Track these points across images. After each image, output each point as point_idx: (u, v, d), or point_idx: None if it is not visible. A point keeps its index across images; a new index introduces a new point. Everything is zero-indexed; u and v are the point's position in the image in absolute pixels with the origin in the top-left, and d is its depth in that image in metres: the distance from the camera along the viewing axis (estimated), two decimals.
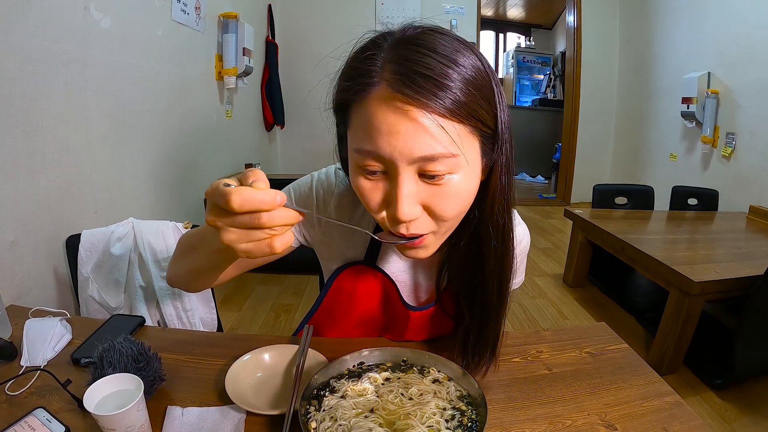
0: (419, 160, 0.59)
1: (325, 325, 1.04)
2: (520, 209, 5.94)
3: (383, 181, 0.64)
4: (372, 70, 0.60)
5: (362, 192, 0.65)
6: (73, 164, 2.00)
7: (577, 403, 0.83)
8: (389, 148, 0.59)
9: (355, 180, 0.66)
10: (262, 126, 4.87)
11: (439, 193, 0.63)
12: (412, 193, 0.62)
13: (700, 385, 2.20)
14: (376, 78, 0.59)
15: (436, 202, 0.63)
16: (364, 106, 0.60)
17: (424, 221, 0.65)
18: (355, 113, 0.62)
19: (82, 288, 1.53)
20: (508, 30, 10.17)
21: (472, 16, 5.42)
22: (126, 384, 0.71)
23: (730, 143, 3.83)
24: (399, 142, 0.58)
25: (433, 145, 0.58)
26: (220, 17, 3.55)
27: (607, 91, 5.89)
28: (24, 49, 1.72)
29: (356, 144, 0.62)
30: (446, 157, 0.59)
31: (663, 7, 4.84)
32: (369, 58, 0.61)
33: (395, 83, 0.58)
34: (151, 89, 2.65)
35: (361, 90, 0.60)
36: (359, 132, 0.62)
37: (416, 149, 0.58)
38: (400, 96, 0.57)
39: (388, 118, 0.58)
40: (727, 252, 2.51)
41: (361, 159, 0.62)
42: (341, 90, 0.65)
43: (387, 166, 0.61)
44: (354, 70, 0.63)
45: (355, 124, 0.63)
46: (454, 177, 0.62)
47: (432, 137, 0.58)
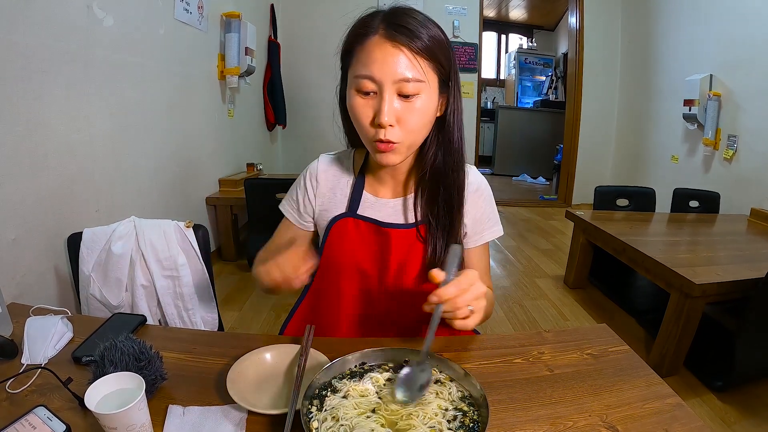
0: (399, 81, 0.87)
1: (323, 290, 1.17)
2: (522, 210, 5.98)
3: (373, 99, 0.90)
4: (370, 25, 0.89)
5: (356, 108, 0.92)
6: (75, 163, 2.00)
7: (579, 404, 0.83)
8: (380, 71, 0.87)
9: (351, 100, 0.92)
10: (263, 125, 4.88)
11: (410, 109, 0.90)
12: (392, 107, 0.89)
13: (700, 387, 2.19)
14: (373, 29, 0.89)
15: (408, 116, 0.90)
16: (364, 47, 0.89)
17: (396, 131, 0.91)
18: (357, 53, 0.90)
19: (84, 286, 1.53)
20: (511, 31, 10.17)
21: (474, 17, 5.43)
22: (127, 383, 0.70)
23: (732, 146, 3.82)
24: (387, 66, 0.87)
25: (409, 71, 0.87)
26: (222, 16, 3.56)
27: (609, 93, 5.89)
28: (26, 48, 1.72)
29: (356, 71, 0.90)
30: (417, 81, 0.88)
31: (665, 9, 4.84)
32: (368, 18, 0.92)
33: (387, 32, 0.87)
34: (153, 88, 2.66)
35: (363, 36, 0.89)
36: (359, 63, 0.89)
37: (398, 72, 0.87)
38: (390, 40, 0.87)
39: (381, 52, 0.87)
40: (728, 254, 2.50)
41: (358, 82, 0.89)
42: (348, 40, 0.94)
43: (377, 86, 0.88)
44: (358, 27, 0.92)
45: (356, 60, 0.90)
46: (421, 97, 0.90)
47: (409, 66, 0.87)
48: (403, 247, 1.08)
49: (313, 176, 1.15)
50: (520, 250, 4.36)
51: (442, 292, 0.76)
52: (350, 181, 1.14)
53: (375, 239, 1.09)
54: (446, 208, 1.05)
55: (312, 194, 1.14)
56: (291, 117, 5.22)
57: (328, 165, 1.16)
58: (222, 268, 3.54)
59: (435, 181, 1.04)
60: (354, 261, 1.10)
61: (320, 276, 1.14)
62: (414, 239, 1.08)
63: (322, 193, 1.14)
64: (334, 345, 0.95)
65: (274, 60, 4.84)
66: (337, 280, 1.13)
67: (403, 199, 1.10)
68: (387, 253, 1.08)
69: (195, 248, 1.55)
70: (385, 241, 1.08)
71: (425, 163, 1.03)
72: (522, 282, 3.58)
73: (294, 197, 1.17)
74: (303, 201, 1.15)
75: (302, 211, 1.16)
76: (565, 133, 6.18)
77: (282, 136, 5.46)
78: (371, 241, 1.10)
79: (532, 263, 4.02)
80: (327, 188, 1.14)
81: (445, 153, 1.03)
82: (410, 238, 1.08)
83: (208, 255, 1.58)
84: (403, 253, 1.08)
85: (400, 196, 1.11)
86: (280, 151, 5.50)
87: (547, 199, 6.62)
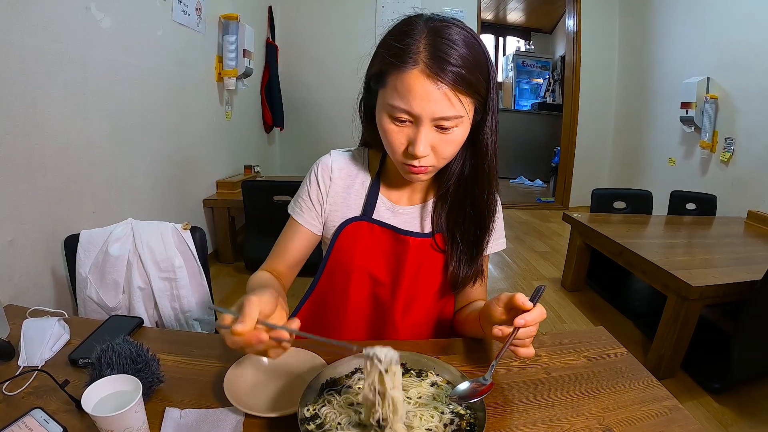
0: (438, 119, 0.84)
1: (329, 292, 1.14)
2: (519, 213, 5.98)
3: (407, 127, 0.87)
4: (410, 52, 0.82)
5: (389, 133, 0.89)
6: (72, 164, 2.00)
7: (576, 407, 0.83)
8: (420, 108, 0.83)
9: (384, 124, 0.89)
10: (261, 128, 4.88)
11: (445, 140, 0.88)
12: (428, 139, 0.87)
13: (697, 390, 2.20)
14: (413, 58, 0.82)
15: (441, 146, 0.88)
16: (402, 78, 0.83)
17: (430, 158, 0.90)
18: (393, 79, 0.85)
19: (80, 288, 1.53)
20: (508, 34, 10.19)
21: (472, 19, 5.44)
22: (124, 385, 0.70)
23: (729, 148, 3.84)
24: (429, 105, 0.83)
25: (449, 110, 0.83)
26: (220, 18, 3.56)
27: (606, 96, 5.91)
28: (24, 49, 1.72)
29: (393, 101, 0.85)
30: (456, 117, 0.85)
31: (662, 12, 4.86)
32: (408, 40, 0.84)
33: (429, 67, 0.81)
34: (151, 90, 2.66)
35: (401, 65, 0.83)
36: (395, 94, 0.84)
37: (438, 111, 0.83)
38: (432, 77, 0.81)
39: (424, 88, 0.82)
40: (725, 257, 2.51)
41: (393, 110, 0.86)
42: (383, 61, 0.87)
43: (414, 118, 0.85)
44: (395, 48, 0.84)
45: (392, 88, 0.85)
46: (458, 129, 0.88)
47: (450, 104, 0.83)
48: (419, 256, 1.07)
49: (326, 173, 1.10)
50: (517, 253, 4.36)
51: (531, 317, 0.78)
52: (366, 182, 1.11)
53: (391, 246, 1.08)
54: (475, 221, 1.04)
55: (324, 191, 1.09)
56: (289, 119, 5.22)
57: (342, 163, 1.12)
58: (219, 270, 3.54)
59: (461, 192, 1.03)
60: (366, 267, 1.08)
61: (326, 279, 1.12)
62: (429, 248, 1.07)
63: (336, 191, 1.10)
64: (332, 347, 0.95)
65: (272, 62, 4.84)
66: (345, 285, 1.10)
67: (420, 206, 1.10)
68: (402, 261, 1.07)
69: (192, 250, 1.55)
70: (402, 249, 1.07)
71: (450, 172, 1.02)
72: (519, 285, 3.58)
73: (305, 196, 1.11)
74: (316, 199, 1.10)
75: (314, 210, 1.11)
76: (563, 136, 6.20)
77: (279, 138, 5.46)
78: (387, 247, 1.08)
79: (529, 266, 4.03)
80: (341, 187, 1.10)
81: (476, 165, 1.00)
82: (426, 247, 1.07)
83: (205, 257, 1.58)
84: (419, 262, 1.07)
85: (417, 203, 1.10)
86: (277, 153, 5.50)
87: (544, 201, 6.63)
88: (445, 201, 1.06)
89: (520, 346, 0.81)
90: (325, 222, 1.12)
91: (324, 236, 1.13)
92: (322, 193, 1.10)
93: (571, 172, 6.10)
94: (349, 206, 1.10)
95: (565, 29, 6.29)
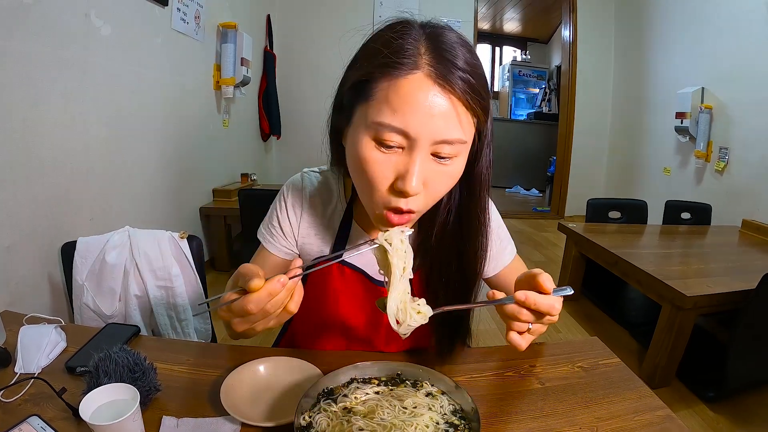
0: (440, 142, 0.67)
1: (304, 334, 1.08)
2: (515, 222, 5.98)
3: (396, 155, 0.68)
4: (408, 52, 0.65)
5: (369, 163, 0.69)
6: (71, 171, 2.01)
7: (570, 417, 0.83)
8: (420, 126, 0.65)
9: (363, 151, 0.69)
10: (258, 136, 4.89)
11: (440, 172, 0.70)
12: (423, 170, 0.68)
13: (692, 398, 2.20)
14: (413, 60, 0.65)
15: (436, 180, 0.71)
16: (399, 84, 0.65)
17: (420, 199, 0.72)
18: (384, 88, 0.66)
19: (77, 295, 1.53)
20: (505, 43, 10.26)
21: (468, 29, 5.47)
22: (122, 394, 0.71)
23: (723, 158, 3.86)
24: (431, 123, 0.65)
25: (455, 130, 0.67)
26: (219, 27, 3.58)
27: (602, 106, 5.94)
28: (24, 55, 1.73)
29: (381, 117, 0.66)
30: (460, 142, 0.69)
31: (658, 22, 4.90)
32: (402, 39, 0.67)
33: (437, 70, 0.64)
34: (149, 97, 2.67)
35: (398, 68, 0.65)
36: (386, 107, 0.66)
37: (443, 132, 0.66)
38: (441, 83, 0.64)
39: (426, 101, 0.64)
40: (720, 266, 2.52)
41: (380, 132, 0.67)
42: (370, 64, 0.68)
43: (408, 142, 0.67)
44: (389, 46, 0.67)
45: (382, 98, 0.66)
46: (457, 160, 0.71)
47: (457, 122, 0.67)
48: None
49: (297, 198, 0.98)
50: None
51: (535, 297, 0.69)
52: (339, 211, 0.97)
53: (364, 295, 0.97)
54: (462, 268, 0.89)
55: (296, 221, 0.98)
56: (286, 127, 5.23)
57: (316, 187, 0.98)
58: (215, 279, 3.53)
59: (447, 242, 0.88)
60: (338, 314, 1.00)
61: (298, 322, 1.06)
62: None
63: (307, 221, 0.98)
64: (327, 357, 0.96)
65: (270, 70, 4.86)
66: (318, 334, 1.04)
67: None
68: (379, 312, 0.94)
69: (189, 259, 1.56)
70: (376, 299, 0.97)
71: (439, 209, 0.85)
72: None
73: (275, 223, 1.00)
74: (288, 229, 0.98)
75: (285, 239, 1.00)
76: (558, 145, 6.23)
77: (276, 146, 5.47)
78: (360, 296, 0.98)
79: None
80: (313, 216, 0.98)
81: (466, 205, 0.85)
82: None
83: (202, 266, 1.58)
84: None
85: None
86: (274, 161, 5.51)
87: (540, 211, 6.65)
88: (428, 233, 0.89)
89: (515, 329, 0.72)
90: (301, 251, 1.01)
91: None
92: (292, 223, 0.98)
93: (567, 181, 6.12)
94: (321, 238, 0.98)
95: (561, 39, 6.34)
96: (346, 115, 0.75)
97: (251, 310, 0.60)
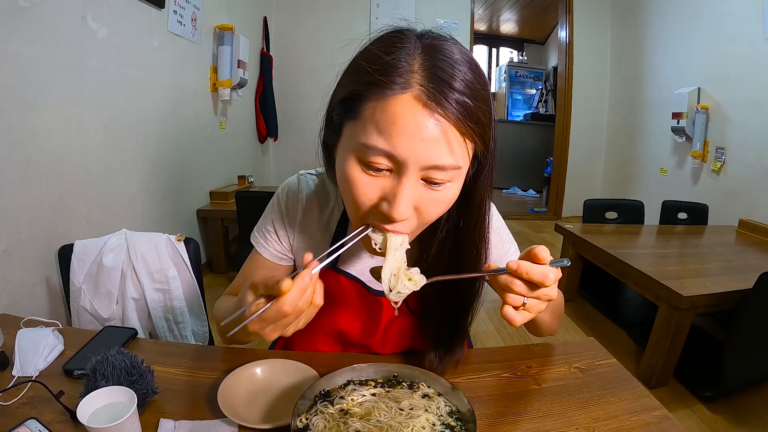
0: (431, 168, 0.62)
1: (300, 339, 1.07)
2: (512, 223, 5.98)
3: (384, 178, 0.65)
4: (400, 70, 0.61)
5: (355, 185, 0.66)
6: (68, 174, 2.01)
7: (566, 417, 0.84)
8: (407, 150, 0.61)
9: (349, 172, 0.66)
10: (255, 138, 4.90)
11: (432, 198, 0.66)
12: (412, 196, 0.64)
13: (690, 398, 2.21)
14: (404, 79, 0.60)
15: (427, 206, 0.67)
16: (387, 104, 0.61)
17: (410, 222, 0.68)
18: (371, 107, 0.62)
19: (74, 298, 1.53)
20: (501, 45, 10.28)
21: (465, 30, 5.49)
22: (119, 396, 0.71)
23: (720, 158, 3.88)
24: (420, 147, 0.60)
25: (446, 156, 0.62)
26: (215, 29, 3.58)
27: (599, 106, 5.96)
28: (21, 58, 1.73)
29: (367, 139, 0.62)
30: (453, 168, 0.64)
31: (654, 23, 4.92)
32: (395, 54, 0.62)
33: (429, 91, 0.60)
34: (145, 100, 2.67)
35: (387, 86, 0.61)
36: (374, 127, 0.62)
37: (433, 157, 0.61)
38: (433, 105, 0.60)
39: (417, 122, 0.60)
40: (717, 266, 2.53)
41: (367, 154, 0.63)
42: (359, 80, 0.64)
43: (396, 165, 0.63)
44: (379, 62, 0.62)
45: (369, 118, 0.62)
46: (451, 185, 0.67)
47: (449, 148, 0.62)
48: (394, 311, 0.96)
49: (293, 202, 0.96)
50: None
51: (528, 266, 0.65)
52: (335, 216, 0.95)
53: (360, 301, 0.97)
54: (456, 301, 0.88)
55: (292, 224, 0.96)
56: (283, 129, 5.24)
57: (312, 191, 0.96)
58: (212, 281, 3.53)
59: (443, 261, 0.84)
60: (333, 321, 0.99)
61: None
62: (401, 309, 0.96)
63: (303, 223, 0.96)
64: (324, 359, 0.96)
65: (267, 72, 4.86)
66: (311, 340, 1.04)
67: None
68: (376, 321, 0.97)
69: (186, 262, 1.56)
70: (374, 309, 0.96)
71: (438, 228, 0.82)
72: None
73: (270, 227, 0.98)
74: (283, 233, 0.97)
75: (280, 243, 0.98)
76: (555, 146, 6.24)
77: (273, 148, 5.47)
78: (356, 304, 0.97)
79: None
80: (309, 220, 0.96)
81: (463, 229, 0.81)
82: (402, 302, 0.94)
83: (199, 269, 1.59)
84: (393, 317, 0.97)
85: None
86: (271, 163, 5.51)
87: (537, 211, 6.66)
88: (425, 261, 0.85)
89: (510, 302, 0.67)
90: (296, 257, 1.00)
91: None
92: (287, 226, 0.97)
93: (564, 182, 6.13)
94: (317, 245, 0.96)
95: (557, 40, 6.34)
96: (336, 131, 0.71)
97: (287, 311, 0.58)
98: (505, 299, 0.67)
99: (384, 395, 0.79)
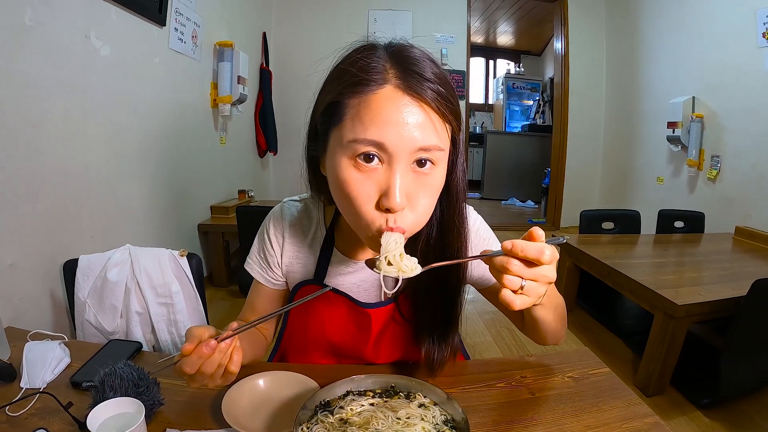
0: (419, 150, 0.68)
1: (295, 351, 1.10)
2: (511, 234, 5.96)
3: (375, 172, 0.69)
4: (375, 69, 0.68)
5: (350, 184, 0.70)
6: (71, 189, 2.03)
7: (560, 425, 0.85)
8: (396, 138, 0.66)
9: (342, 173, 0.70)
10: (255, 152, 4.92)
11: (422, 183, 0.71)
12: (406, 183, 0.69)
13: (687, 405, 2.21)
14: (381, 76, 0.68)
15: (419, 195, 0.71)
16: (369, 99, 0.67)
17: (407, 216, 0.71)
18: (354, 107, 0.68)
19: (79, 312, 1.55)
20: (498, 56, 10.35)
21: (462, 43, 5.54)
22: (127, 408, 0.73)
23: (715, 165, 3.91)
24: (407, 132, 0.66)
25: (432, 136, 0.68)
26: (216, 46, 3.62)
27: (595, 117, 5.99)
28: (26, 76, 1.77)
29: (355, 134, 0.68)
30: (438, 149, 0.70)
31: (648, 34, 4.98)
32: (368, 59, 0.70)
33: (404, 81, 0.67)
34: (147, 116, 2.70)
35: (364, 86, 0.68)
36: (359, 124, 0.67)
37: (420, 139, 0.67)
38: (409, 92, 0.67)
39: (398, 111, 0.66)
40: (713, 273, 2.55)
41: (356, 149, 0.68)
42: (339, 86, 0.71)
43: (386, 156, 0.68)
44: (355, 66, 0.70)
45: (354, 117, 0.68)
46: (437, 169, 0.72)
47: (434, 130, 0.69)
48: (383, 322, 0.99)
49: (278, 230, 1.01)
50: None
51: (523, 244, 0.65)
52: (319, 237, 0.99)
53: (348, 314, 0.99)
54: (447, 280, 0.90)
55: (279, 252, 1.01)
56: (282, 144, 5.27)
57: (296, 217, 1.01)
58: (213, 294, 3.55)
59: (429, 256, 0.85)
60: (324, 335, 1.02)
61: (287, 340, 1.08)
62: (392, 318, 0.99)
63: (289, 251, 1.01)
64: (323, 371, 0.98)
65: (266, 87, 4.90)
66: (306, 353, 1.07)
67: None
68: (366, 332, 0.99)
69: (189, 276, 1.58)
70: (363, 321, 0.98)
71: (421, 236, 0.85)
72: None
73: (261, 254, 1.03)
74: (273, 261, 1.02)
75: (271, 270, 1.03)
76: (552, 157, 6.26)
77: (273, 162, 5.50)
78: (345, 318, 1.00)
79: None
80: (295, 245, 1.01)
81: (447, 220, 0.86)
82: (390, 312, 0.98)
83: (201, 283, 1.61)
84: (382, 327, 1.00)
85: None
86: (271, 177, 5.54)
87: (535, 222, 6.65)
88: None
89: (507, 285, 0.66)
90: (288, 278, 1.04)
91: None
92: (276, 253, 1.01)
93: (562, 192, 6.15)
94: (304, 266, 1.00)
95: (553, 51, 6.39)
96: (322, 142, 0.77)
97: (187, 371, 0.67)
98: (503, 282, 0.66)
99: (382, 405, 0.81)
